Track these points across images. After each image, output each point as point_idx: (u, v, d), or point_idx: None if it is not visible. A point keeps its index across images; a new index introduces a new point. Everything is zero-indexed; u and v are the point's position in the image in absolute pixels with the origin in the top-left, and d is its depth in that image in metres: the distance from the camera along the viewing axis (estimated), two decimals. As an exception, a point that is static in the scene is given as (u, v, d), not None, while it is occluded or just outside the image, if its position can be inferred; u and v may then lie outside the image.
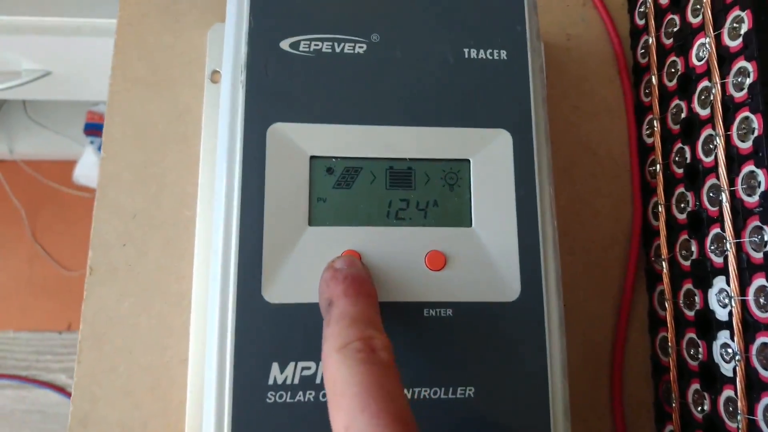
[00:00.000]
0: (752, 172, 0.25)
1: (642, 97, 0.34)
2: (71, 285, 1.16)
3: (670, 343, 0.29)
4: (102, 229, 0.30)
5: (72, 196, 1.16)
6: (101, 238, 0.30)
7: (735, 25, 0.26)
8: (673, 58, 0.31)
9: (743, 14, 0.26)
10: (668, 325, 0.29)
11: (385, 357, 0.19)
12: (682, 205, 0.29)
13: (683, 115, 0.30)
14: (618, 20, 0.36)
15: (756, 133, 0.25)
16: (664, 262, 0.30)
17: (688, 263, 0.29)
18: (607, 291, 0.32)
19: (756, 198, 0.24)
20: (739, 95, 0.26)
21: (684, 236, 0.29)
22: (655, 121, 0.32)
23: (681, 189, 0.30)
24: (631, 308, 0.32)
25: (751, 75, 0.25)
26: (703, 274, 0.27)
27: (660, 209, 0.31)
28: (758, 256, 0.24)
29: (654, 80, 0.32)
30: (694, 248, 0.28)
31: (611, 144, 0.34)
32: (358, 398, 0.18)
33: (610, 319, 0.32)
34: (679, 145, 0.30)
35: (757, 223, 0.24)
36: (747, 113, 0.25)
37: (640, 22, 0.34)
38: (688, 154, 0.29)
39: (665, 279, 0.30)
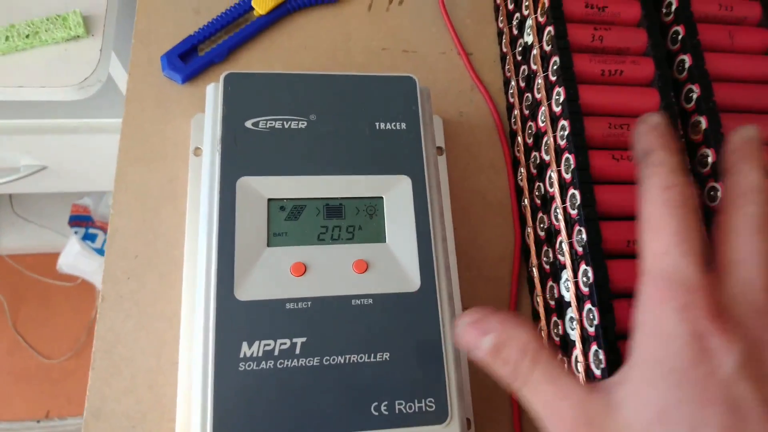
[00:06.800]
0: (573, 194, 0.36)
1: (516, 153, 0.46)
2: (50, 373, 1.20)
3: (542, 330, 0.39)
4: (111, 267, 0.40)
5: (53, 286, 1.23)
6: (111, 274, 0.40)
7: (557, 96, 0.39)
8: (530, 122, 0.43)
9: (560, 89, 0.38)
10: (540, 315, 0.39)
11: (695, 204, 0.23)
12: (542, 225, 0.40)
13: (537, 162, 0.41)
14: (497, 100, 0.48)
15: (572, 167, 0.36)
16: (534, 269, 0.40)
17: (548, 266, 0.39)
18: (500, 296, 0.43)
19: (575, 211, 0.36)
20: (562, 143, 0.38)
21: (545, 248, 0.40)
22: (522, 169, 0.43)
23: (540, 214, 0.41)
24: (518, 308, 0.42)
25: (567, 128, 0.37)
26: (555, 271, 0.38)
27: (529, 231, 0.42)
28: (579, 249, 0.35)
29: (520, 140, 0.44)
30: (551, 255, 0.39)
31: (496, 190, 0.46)
32: (676, 236, 0.22)
33: (506, 321, 0.42)
34: (537, 183, 0.41)
35: (579, 228, 0.35)
36: (567, 155, 0.37)
37: (511, 100, 0.47)
38: (543, 189, 0.41)
39: (536, 281, 0.40)
